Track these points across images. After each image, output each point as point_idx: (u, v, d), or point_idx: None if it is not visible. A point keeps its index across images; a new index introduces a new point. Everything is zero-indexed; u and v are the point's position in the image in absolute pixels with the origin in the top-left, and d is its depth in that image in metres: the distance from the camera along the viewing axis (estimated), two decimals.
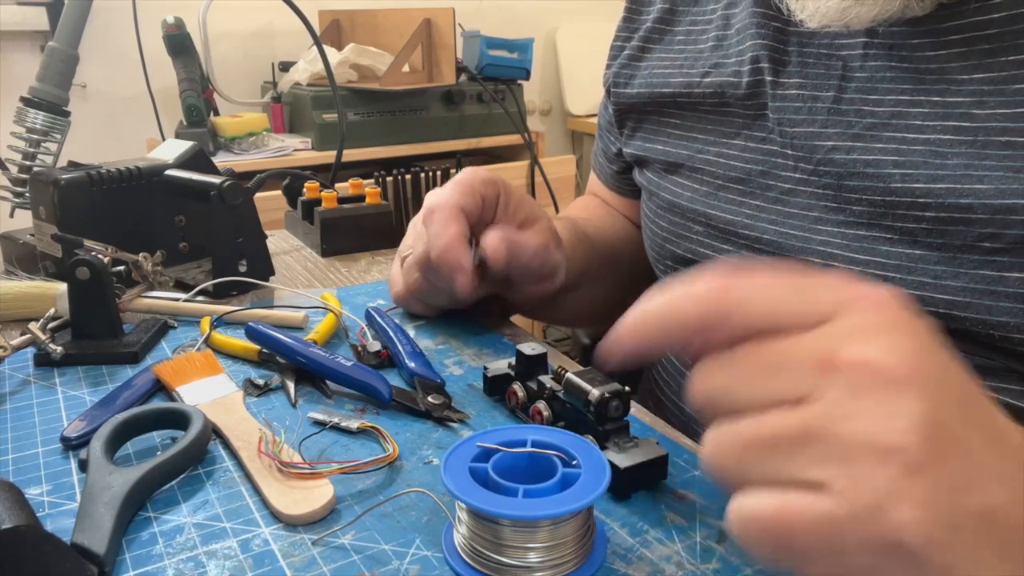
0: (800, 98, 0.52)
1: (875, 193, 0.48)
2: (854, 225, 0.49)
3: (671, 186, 0.62)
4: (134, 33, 1.36)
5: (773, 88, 0.54)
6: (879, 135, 0.48)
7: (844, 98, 0.50)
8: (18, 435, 0.47)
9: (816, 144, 0.51)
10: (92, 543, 0.35)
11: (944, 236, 0.45)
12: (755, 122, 0.56)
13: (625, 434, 0.42)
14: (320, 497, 0.39)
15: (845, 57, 0.50)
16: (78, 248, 0.61)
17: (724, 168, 0.58)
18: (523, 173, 1.98)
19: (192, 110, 1.70)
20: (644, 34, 0.67)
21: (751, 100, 0.56)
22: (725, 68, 0.58)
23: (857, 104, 0.49)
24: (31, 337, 0.55)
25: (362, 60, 1.89)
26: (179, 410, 0.46)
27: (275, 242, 0.87)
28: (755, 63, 0.55)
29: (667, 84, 0.63)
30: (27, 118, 0.86)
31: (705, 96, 0.59)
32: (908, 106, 0.47)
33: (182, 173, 0.71)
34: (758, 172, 0.55)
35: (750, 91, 0.55)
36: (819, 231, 0.51)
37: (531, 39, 2.08)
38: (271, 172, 0.81)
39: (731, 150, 0.57)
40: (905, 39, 0.47)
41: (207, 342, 0.58)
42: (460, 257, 0.54)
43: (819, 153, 0.51)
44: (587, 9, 2.55)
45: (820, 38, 0.52)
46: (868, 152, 0.48)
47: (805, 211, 0.52)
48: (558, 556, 0.34)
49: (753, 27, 0.55)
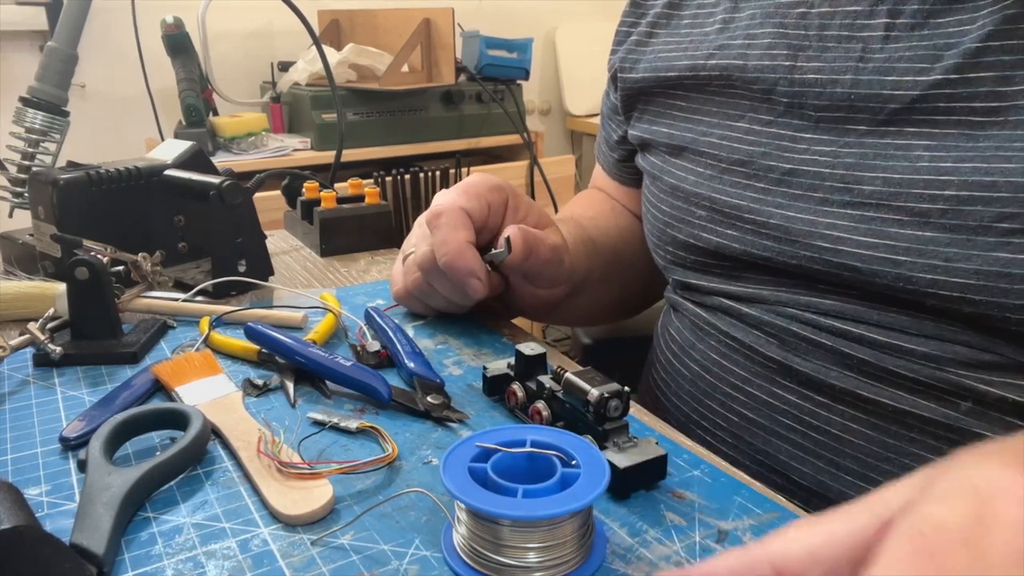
0: (818, 82, 0.52)
1: (896, 171, 0.47)
2: (861, 207, 0.49)
3: (675, 169, 0.62)
4: (133, 33, 1.35)
5: (790, 72, 0.53)
6: (907, 118, 0.47)
7: (861, 80, 0.49)
8: (17, 435, 0.47)
9: (847, 128, 0.50)
10: (91, 543, 0.35)
11: (960, 217, 0.44)
12: (762, 104, 0.56)
13: (624, 434, 0.42)
14: (319, 497, 0.39)
15: (865, 39, 0.50)
16: (77, 248, 0.61)
17: (728, 151, 0.57)
18: (522, 173, 1.98)
19: (191, 110, 1.70)
20: (652, 19, 0.67)
21: (757, 84, 0.55)
22: (731, 50, 0.58)
23: (876, 88, 0.49)
24: (30, 337, 0.55)
25: (361, 60, 1.89)
26: (178, 410, 0.46)
27: (274, 242, 0.87)
28: (770, 48, 0.55)
29: (672, 67, 0.63)
30: (26, 118, 0.86)
31: (711, 78, 0.59)
32: (931, 87, 0.46)
33: (181, 173, 0.71)
34: (760, 154, 0.55)
35: (757, 75, 0.55)
36: (825, 213, 0.51)
37: (530, 39, 2.08)
38: (270, 172, 0.81)
39: (736, 132, 0.57)
40: (928, 17, 0.47)
41: (206, 342, 0.58)
42: (471, 262, 0.54)
43: (850, 136, 0.50)
44: (587, 9, 2.55)
45: (841, 18, 0.51)
46: (900, 136, 0.48)
47: (810, 192, 0.52)
48: (557, 556, 0.34)
49: (772, 7, 0.55)
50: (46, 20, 1.85)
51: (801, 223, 0.52)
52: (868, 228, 0.48)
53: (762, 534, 0.37)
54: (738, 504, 0.40)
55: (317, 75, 1.85)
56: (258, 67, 2.13)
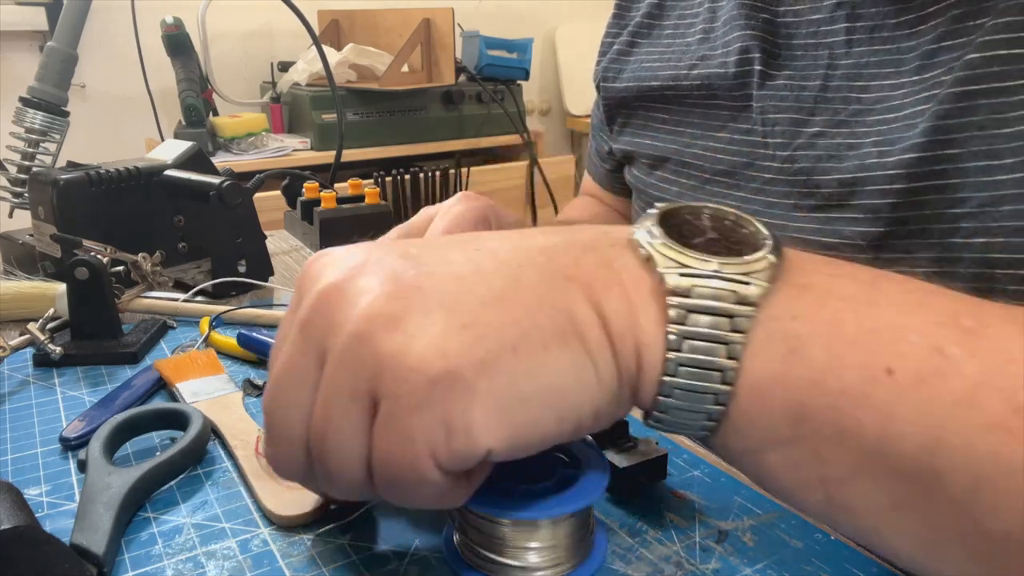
0: (787, 87, 0.52)
1: (847, 172, 0.48)
2: (824, 208, 0.50)
3: (657, 182, 0.63)
4: (133, 33, 1.35)
5: (761, 79, 0.54)
6: (863, 119, 0.48)
7: (831, 86, 0.50)
8: (17, 435, 0.47)
9: (799, 131, 0.51)
10: (91, 543, 0.35)
11: (912, 208, 0.45)
12: (740, 114, 0.56)
13: (624, 434, 0.42)
14: (313, 499, 0.39)
15: (830, 45, 0.50)
16: (77, 248, 0.61)
17: (711, 161, 0.58)
18: (522, 173, 1.98)
19: (191, 110, 1.70)
20: (633, 29, 0.67)
21: (738, 91, 0.56)
22: (712, 60, 0.58)
23: (844, 91, 0.49)
24: (30, 337, 0.55)
25: (361, 60, 1.89)
26: (178, 410, 0.46)
27: (274, 242, 0.87)
28: (744, 53, 0.55)
29: (655, 77, 0.63)
30: (26, 118, 0.86)
31: (692, 88, 0.59)
32: (891, 89, 0.47)
33: (181, 173, 0.71)
34: (742, 164, 0.55)
35: (737, 82, 0.55)
36: (795, 217, 0.51)
37: (530, 39, 2.08)
38: (270, 172, 0.81)
39: (717, 143, 0.58)
40: (884, 19, 0.47)
41: (206, 342, 0.58)
42: None
43: (800, 139, 0.51)
44: (586, 9, 2.55)
45: (806, 27, 0.52)
46: (852, 136, 0.48)
47: (784, 199, 0.52)
48: (558, 556, 0.34)
49: (741, 18, 0.56)
50: (46, 20, 1.85)
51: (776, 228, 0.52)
52: (830, 228, 0.49)
53: (762, 534, 0.38)
54: (738, 504, 0.40)
55: (317, 75, 1.85)
56: (258, 67, 2.13)
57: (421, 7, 1.89)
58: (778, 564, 0.35)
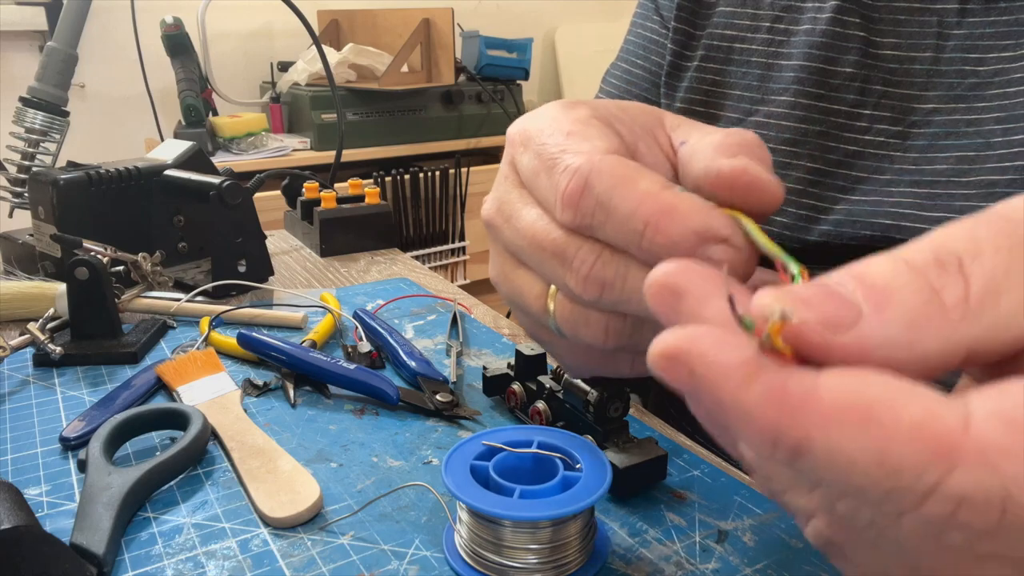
0: (896, 59, 0.50)
1: (969, 149, 0.47)
2: (929, 184, 0.48)
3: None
4: (133, 33, 1.36)
5: (866, 45, 0.51)
6: (982, 94, 0.47)
7: (943, 58, 0.48)
8: (17, 435, 0.47)
9: (914, 107, 0.49)
10: (91, 543, 0.35)
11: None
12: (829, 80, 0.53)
13: (624, 434, 0.42)
14: (306, 499, 0.39)
15: (940, 12, 0.49)
16: (77, 248, 0.61)
17: (777, 130, 0.54)
18: None
19: (191, 110, 1.70)
20: None
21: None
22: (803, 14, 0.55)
23: (958, 64, 0.48)
24: (30, 337, 0.55)
25: (361, 60, 1.89)
26: (178, 410, 0.46)
27: (274, 242, 0.87)
28: (838, 25, 0.52)
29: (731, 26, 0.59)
30: (26, 118, 0.86)
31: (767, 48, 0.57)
32: (1010, 62, 0.46)
33: (181, 173, 0.71)
34: (816, 133, 0.53)
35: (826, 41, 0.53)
36: (889, 192, 0.49)
37: (530, 39, 2.08)
38: (270, 172, 0.81)
39: (783, 108, 0.54)
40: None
41: (206, 342, 0.58)
42: (692, 212, 0.28)
43: (916, 115, 0.49)
44: (586, 9, 2.55)
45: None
46: (971, 112, 0.47)
47: (876, 175, 0.50)
48: (558, 557, 0.34)
49: None
50: (46, 20, 1.85)
51: (867, 204, 0.50)
52: (933, 204, 0.47)
53: (762, 534, 0.38)
54: (738, 504, 0.40)
55: (317, 75, 1.85)
56: (258, 67, 2.13)
57: (421, 7, 1.90)
58: (778, 564, 0.35)
